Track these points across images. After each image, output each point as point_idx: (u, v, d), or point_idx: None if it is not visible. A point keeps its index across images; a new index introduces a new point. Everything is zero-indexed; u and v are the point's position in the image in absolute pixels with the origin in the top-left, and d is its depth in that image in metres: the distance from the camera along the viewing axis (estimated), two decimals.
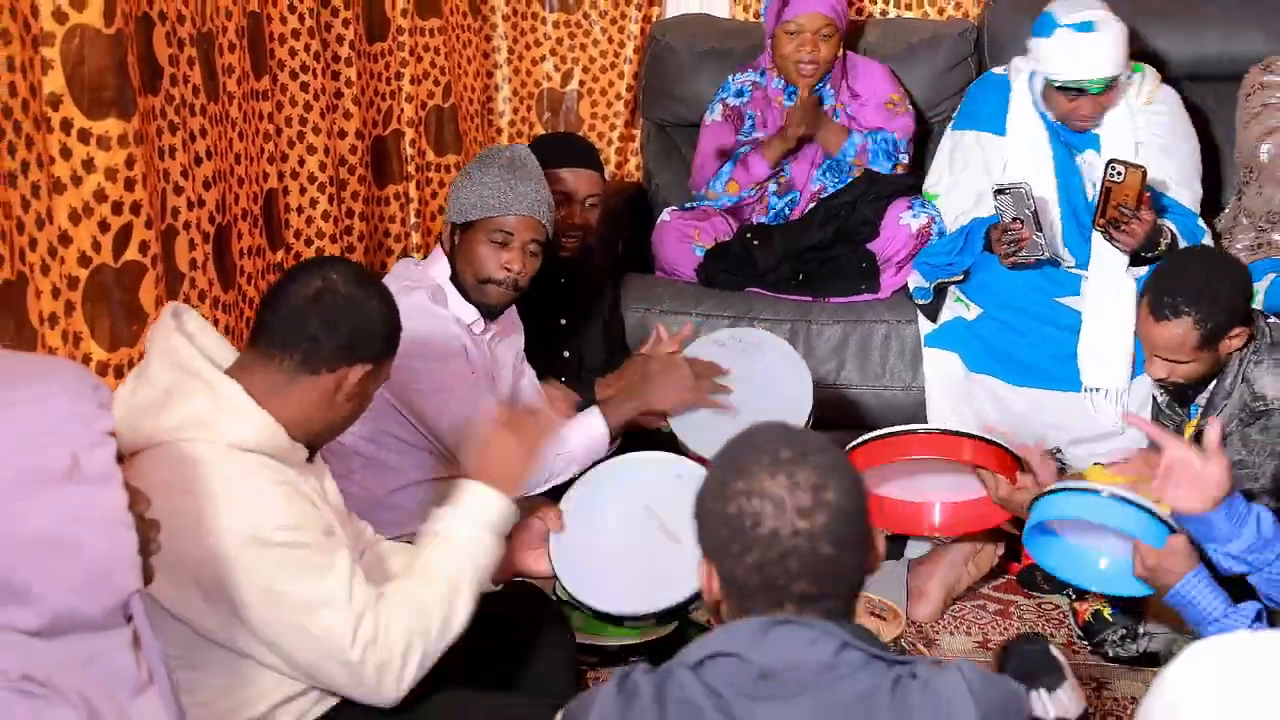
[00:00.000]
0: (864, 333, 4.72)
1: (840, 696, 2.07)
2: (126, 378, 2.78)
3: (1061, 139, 4.61)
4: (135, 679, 2.17)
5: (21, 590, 2.00)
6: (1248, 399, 3.48)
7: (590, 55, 5.61)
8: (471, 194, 3.63)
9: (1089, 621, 3.71)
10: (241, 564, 2.59)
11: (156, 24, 3.31)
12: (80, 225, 2.92)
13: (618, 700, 2.12)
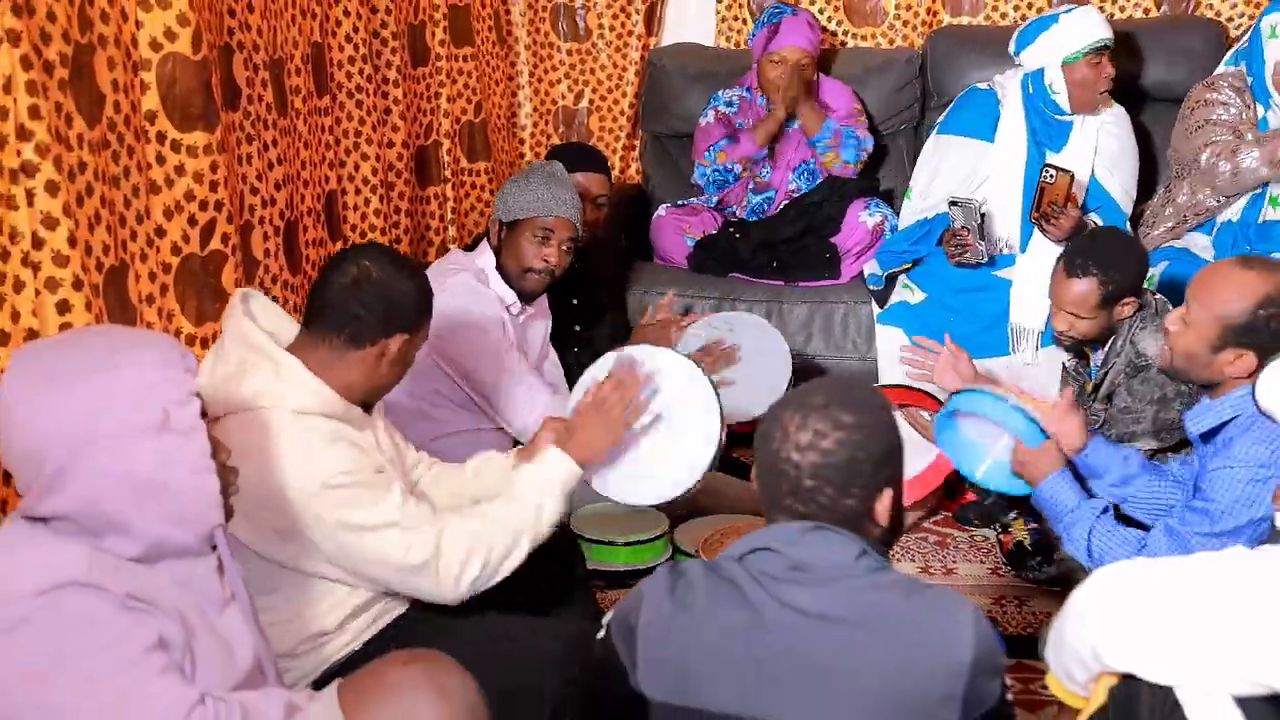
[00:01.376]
0: (827, 311, 4.76)
1: (857, 586, 2.11)
2: (208, 353, 2.79)
3: (1039, 144, 4.61)
4: (220, 597, 2.19)
5: (122, 523, 2.02)
6: (1132, 357, 3.52)
7: (598, 77, 5.60)
8: (520, 198, 3.67)
9: (1012, 551, 3.75)
10: (311, 506, 2.63)
11: (235, 52, 3.31)
12: (172, 220, 2.93)
13: (669, 580, 2.19)
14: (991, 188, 4.58)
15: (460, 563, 2.69)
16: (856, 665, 2.06)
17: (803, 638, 2.08)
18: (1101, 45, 4.49)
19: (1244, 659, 2.10)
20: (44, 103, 2.44)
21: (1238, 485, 2.92)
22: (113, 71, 2.73)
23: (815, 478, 2.14)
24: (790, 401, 2.22)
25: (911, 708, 2.07)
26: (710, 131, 5.00)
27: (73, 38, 2.59)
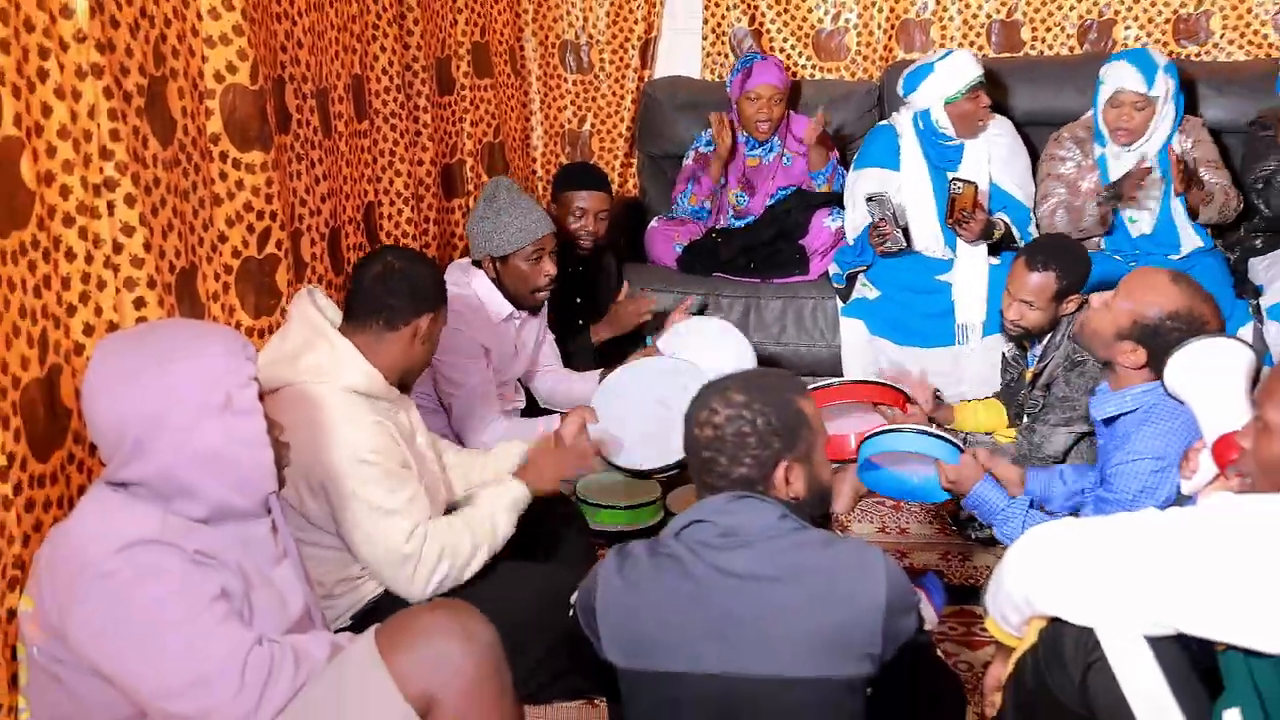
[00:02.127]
0: (797, 306, 4.74)
1: (781, 545, 2.12)
2: (271, 337, 2.84)
3: (936, 166, 4.62)
4: (274, 553, 2.21)
5: (190, 489, 2.03)
6: (1070, 351, 3.52)
7: (599, 105, 5.59)
8: (501, 234, 3.63)
9: (955, 515, 3.75)
10: (342, 472, 2.66)
11: (287, 83, 3.30)
12: (233, 228, 2.93)
13: (616, 562, 2.19)
14: (907, 207, 4.61)
15: (428, 573, 2.72)
16: (788, 615, 2.07)
17: (739, 598, 2.09)
18: (976, 84, 4.52)
19: (1152, 605, 2.11)
20: (123, 127, 2.44)
21: (1140, 477, 2.94)
22: (182, 100, 2.73)
23: (708, 449, 2.19)
24: (704, 388, 2.26)
25: (840, 646, 2.08)
26: (688, 170, 5.03)
27: (148, 71, 2.59)
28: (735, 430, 2.17)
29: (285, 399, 2.62)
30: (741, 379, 2.25)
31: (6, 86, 2.16)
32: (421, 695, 1.98)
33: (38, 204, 2.25)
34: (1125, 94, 4.43)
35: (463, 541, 2.77)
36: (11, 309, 2.15)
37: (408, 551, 2.69)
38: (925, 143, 4.65)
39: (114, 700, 2.00)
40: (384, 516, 2.67)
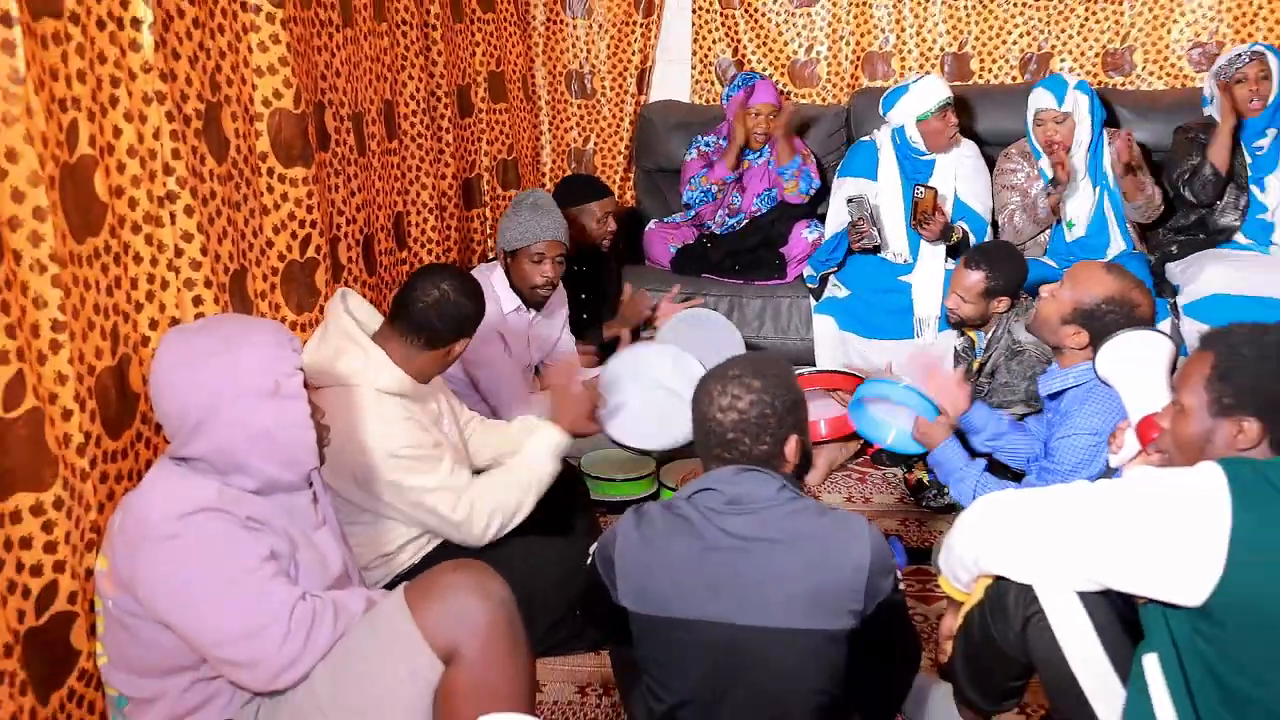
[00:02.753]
0: (775, 304, 4.74)
1: (780, 513, 2.13)
2: (312, 335, 2.84)
3: (909, 178, 4.62)
4: (315, 521, 2.22)
5: (243, 464, 2.05)
6: (1009, 343, 3.56)
7: (601, 126, 5.58)
8: (513, 231, 3.62)
9: (914, 485, 3.75)
10: (381, 468, 2.69)
11: (326, 107, 3.31)
12: (279, 235, 2.94)
13: (634, 520, 2.20)
14: (882, 213, 4.62)
15: (485, 522, 2.78)
16: (783, 573, 2.08)
17: (741, 557, 2.10)
18: (945, 104, 4.54)
19: (1083, 564, 2.12)
20: (183, 146, 2.45)
21: (1079, 451, 2.96)
22: (234, 122, 2.74)
23: (735, 431, 2.18)
24: (712, 375, 2.25)
25: (827, 601, 2.09)
26: (693, 165, 4.98)
27: (205, 97, 2.59)
28: (759, 413, 2.18)
29: (327, 397, 2.63)
30: (749, 366, 2.24)
31: (83, 112, 2.17)
32: (445, 645, 1.99)
33: (109, 214, 2.26)
34: (1045, 113, 4.47)
35: (509, 495, 2.83)
36: (87, 306, 2.16)
37: (458, 519, 2.75)
38: (901, 156, 4.66)
39: (178, 647, 2.01)
40: (428, 494, 2.72)
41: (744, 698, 2.11)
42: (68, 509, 2.05)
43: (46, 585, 2.04)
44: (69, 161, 2.13)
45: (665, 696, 2.16)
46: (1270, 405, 2.07)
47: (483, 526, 2.77)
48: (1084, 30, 5.23)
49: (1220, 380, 2.11)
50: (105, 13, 2.27)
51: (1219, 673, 1.97)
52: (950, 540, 2.35)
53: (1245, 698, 1.96)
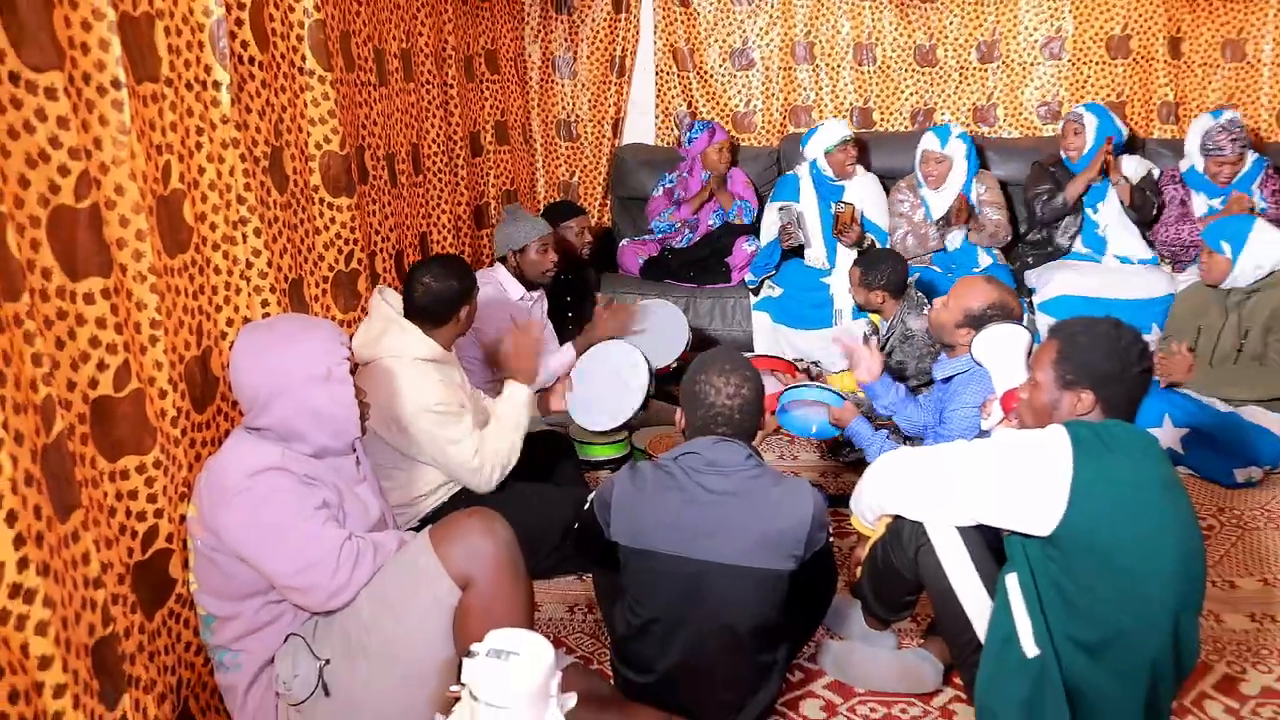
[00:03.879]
0: (723, 303, 4.74)
1: (748, 475, 2.15)
2: (359, 326, 2.85)
3: (824, 199, 4.67)
4: (357, 477, 2.23)
5: (302, 434, 2.05)
6: (902, 330, 3.60)
7: (584, 163, 5.56)
8: (518, 234, 3.62)
9: (832, 445, 3.76)
10: (418, 419, 2.71)
11: (365, 149, 3.30)
12: (328, 250, 2.94)
13: (629, 476, 2.21)
14: (805, 222, 4.68)
15: (491, 469, 2.80)
16: (744, 523, 2.11)
17: (712, 508, 2.12)
18: (845, 140, 4.65)
19: (959, 505, 2.16)
20: (253, 181, 2.45)
21: (965, 420, 2.98)
22: (293, 162, 2.74)
23: (740, 411, 2.20)
24: (711, 368, 2.24)
25: (775, 547, 2.11)
26: (659, 201, 5.01)
27: (270, 142, 2.59)
28: (754, 395, 2.22)
29: (376, 369, 2.67)
30: (736, 360, 2.26)
31: (174, 155, 2.17)
32: (461, 574, 2.00)
33: (195, 236, 2.26)
34: (929, 153, 4.55)
35: (501, 446, 2.83)
36: (177, 308, 2.16)
37: (475, 465, 2.77)
38: (816, 183, 4.72)
39: (252, 576, 2.02)
40: (452, 444, 2.74)
41: (704, 617, 2.13)
42: (164, 468, 2.05)
43: (149, 528, 2.04)
44: (163, 194, 2.14)
45: (642, 613, 2.18)
46: (1101, 380, 2.10)
47: (489, 472, 2.80)
48: (959, 91, 5.27)
49: (1064, 361, 2.15)
50: (192, 77, 2.27)
51: (1061, 585, 2.01)
52: (860, 488, 2.38)
53: (1077, 602, 2.00)
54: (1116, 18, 5.03)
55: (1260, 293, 3.60)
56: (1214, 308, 3.70)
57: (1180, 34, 5.03)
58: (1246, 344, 3.62)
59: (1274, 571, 2.98)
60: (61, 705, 1.62)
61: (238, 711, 2.14)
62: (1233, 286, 3.64)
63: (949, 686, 2.43)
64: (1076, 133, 4.52)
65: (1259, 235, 3.58)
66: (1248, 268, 3.59)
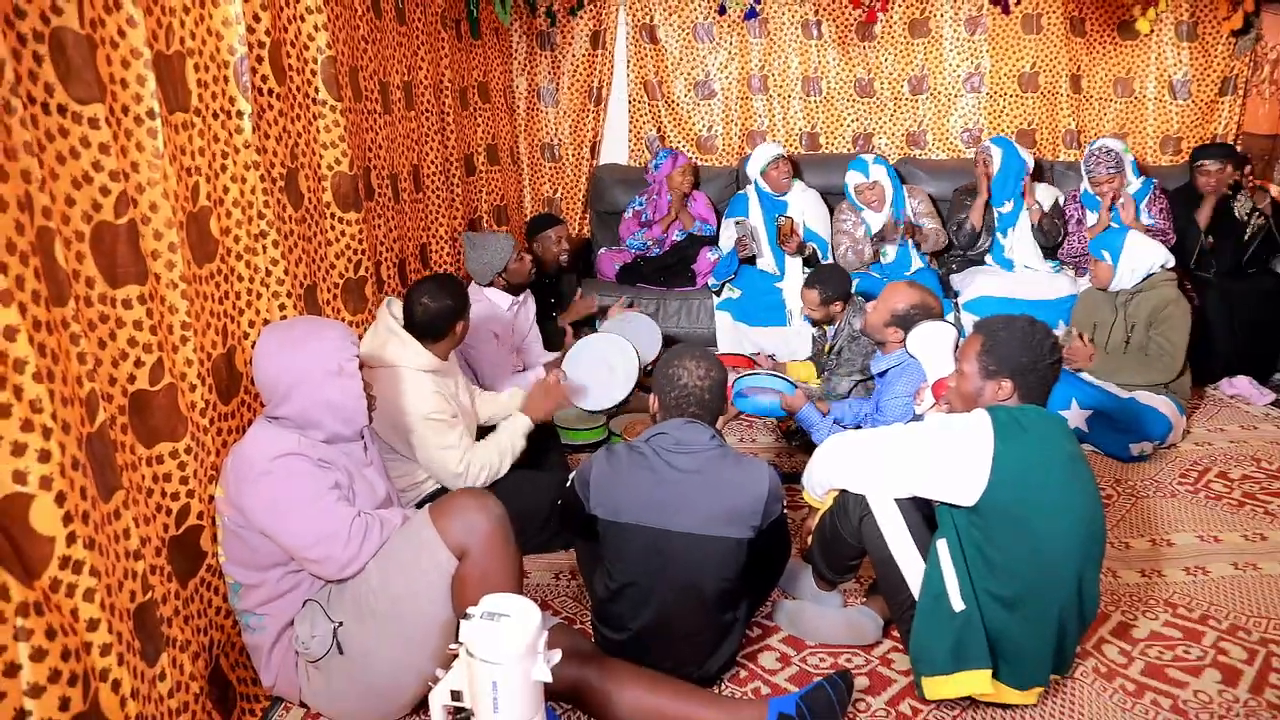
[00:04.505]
0: (689, 304, 4.73)
1: (711, 454, 2.14)
2: (366, 331, 2.81)
3: (770, 213, 4.69)
4: (365, 461, 2.21)
5: (317, 423, 2.04)
6: (850, 332, 3.58)
7: (566, 181, 5.55)
8: (495, 257, 3.54)
9: (787, 430, 3.76)
10: (415, 425, 2.65)
11: (371, 169, 3.28)
12: (339, 260, 2.92)
13: (605, 456, 2.20)
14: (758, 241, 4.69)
15: (475, 476, 2.72)
16: (710, 497, 2.11)
17: (682, 483, 2.12)
18: (777, 158, 4.72)
19: (896, 479, 2.17)
20: (271, 199, 2.43)
21: (898, 407, 3.00)
22: (307, 181, 2.72)
23: (709, 393, 2.20)
24: (684, 355, 2.24)
25: (735, 518, 2.11)
26: (629, 223, 5.01)
27: (287, 164, 2.57)
28: (721, 380, 2.22)
29: (379, 375, 2.63)
30: (702, 351, 2.26)
31: (202, 175, 2.16)
32: (457, 546, 1.99)
33: (220, 248, 2.25)
34: (860, 185, 4.59)
35: (493, 458, 2.76)
36: (205, 312, 2.15)
37: (459, 471, 2.69)
38: (762, 199, 4.75)
39: (274, 549, 2.01)
40: (442, 450, 2.67)
41: (672, 581, 2.13)
42: (195, 454, 2.04)
43: (182, 507, 2.03)
44: (193, 211, 2.12)
45: (617, 578, 2.18)
46: (1019, 369, 2.13)
47: (473, 479, 2.72)
48: (894, 118, 5.30)
49: (986, 354, 2.17)
50: (219, 107, 2.26)
51: (983, 548, 2.04)
52: (810, 466, 2.39)
53: (996, 562, 2.03)
54: (1026, 57, 5.09)
55: (1141, 294, 3.68)
56: (1105, 307, 3.78)
57: (1080, 72, 5.10)
58: (1132, 337, 3.69)
59: (1161, 533, 3.03)
60: (108, 662, 1.61)
61: (263, 668, 2.13)
62: (1119, 289, 3.71)
63: (888, 638, 2.45)
64: (985, 163, 4.59)
65: (1132, 244, 3.67)
66: (1126, 272, 3.66)
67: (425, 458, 2.69)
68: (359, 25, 3.23)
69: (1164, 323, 3.61)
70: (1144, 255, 3.65)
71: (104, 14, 1.82)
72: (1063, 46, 5.04)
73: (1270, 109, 4.91)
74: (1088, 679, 2.29)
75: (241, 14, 2.29)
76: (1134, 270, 3.65)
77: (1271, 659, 2.36)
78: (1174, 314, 3.60)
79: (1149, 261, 3.65)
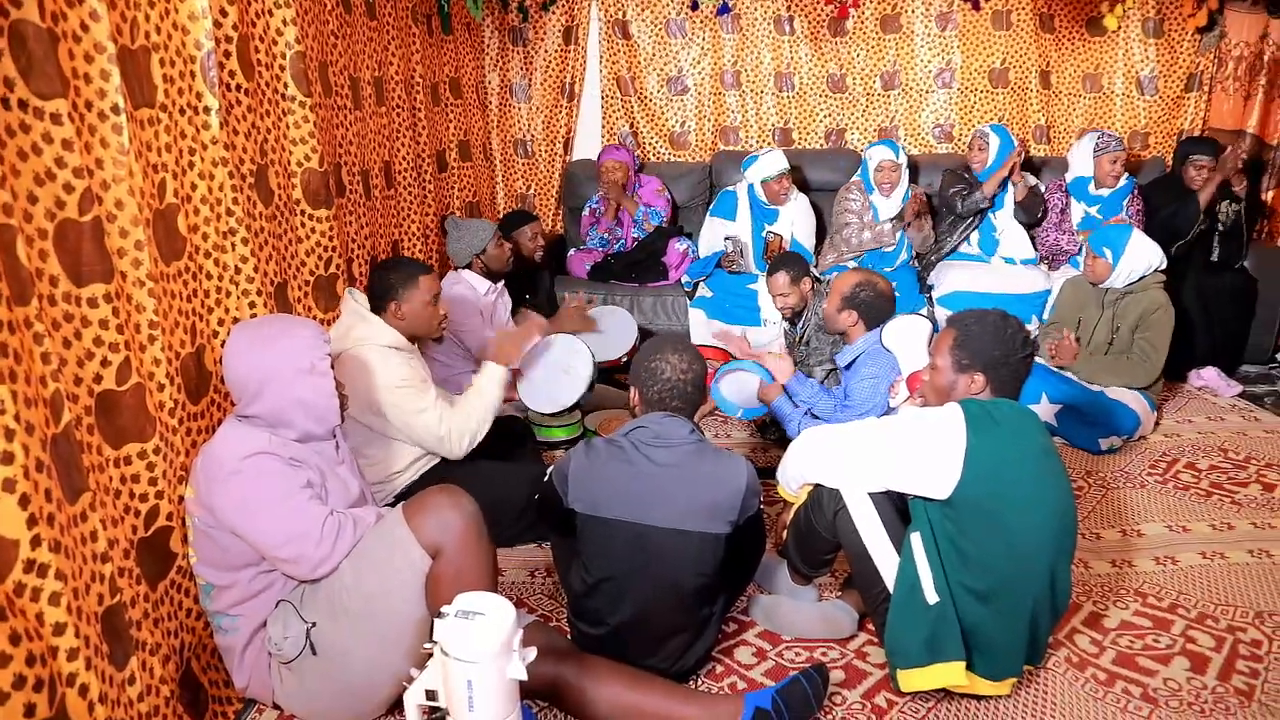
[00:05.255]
0: (663, 300, 4.72)
1: (689, 448, 2.14)
2: (335, 323, 2.78)
3: (759, 221, 4.66)
4: (337, 460, 2.19)
5: (288, 422, 2.02)
6: (816, 318, 3.59)
7: (539, 177, 5.54)
8: (474, 239, 3.60)
9: (762, 425, 3.78)
10: (387, 395, 2.66)
11: (342, 165, 3.25)
12: (309, 257, 2.89)
13: (584, 450, 2.19)
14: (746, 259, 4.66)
15: (459, 437, 2.73)
16: (688, 492, 2.11)
17: (658, 478, 2.12)
18: (782, 172, 4.57)
19: (870, 473, 2.18)
20: (240, 195, 2.40)
21: (865, 390, 3.02)
22: (277, 178, 2.69)
23: (691, 385, 2.20)
24: (665, 348, 2.23)
25: (713, 513, 2.11)
26: (586, 220, 5.03)
27: (256, 160, 2.55)
28: (702, 372, 2.22)
29: (346, 358, 2.62)
30: (683, 344, 2.25)
31: (169, 172, 2.13)
32: (431, 544, 1.98)
33: (188, 245, 2.22)
34: (887, 162, 4.55)
35: (472, 417, 2.77)
36: (174, 310, 2.12)
37: (442, 433, 2.70)
38: (753, 204, 4.68)
39: (244, 549, 1.99)
40: (419, 414, 2.67)
41: (650, 575, 2.13)
42: (164, 454, 2.01)
43: (151, 508, 2.00)
44: (159, 208, 2.09)
45: (595, 572, 2.17)
46: (991, 363, 2.14)
47: (458, 440, 2.73)
48: (866, 114, 5.33)
49: (959, 348, 2.18)
50: (185, 103, 2.23)
51: (956, 541, 2.05)
52: (785, 461, 2.40)
53: (969, 555, 2.04)
54: (996, 53, 5.13)
55: (1132, 295, 3.70)
56: (1092, 303, 3.80)
57: (1049, 68, 5.15)
58: (1117, 338, 3.72)
59: (1131, 524, 3.06)
60: (75, 667, 1.59)
61: (235, 670, 2.11)
62: (1110, 286, 3.73)
63: (863, 632, 2.46)
64: (981, 148, 4.60)
65: (1135, 243, 3.68)
66: (1124, 271, 3.68)
67: (404, 426, 2.68)
68: (328, 20, 3.20)
69: (1151, 327, 3.63)
70: (1143, 255, 3.68)
71: (66, 7, 1.79)
72: (1032, 42, 5.09)
73: (1234, 105, 4.97)
74: (1060, 669, 2.31)
75: (208, 8, 2.26)
76: (1132, 270, 3.68)
77: (1239, 646, 2.40)
78: (1162, 319, 3.64)
79: (1147, 262, 3.68)
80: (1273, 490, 3.29)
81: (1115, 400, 3.63)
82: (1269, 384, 4.42)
